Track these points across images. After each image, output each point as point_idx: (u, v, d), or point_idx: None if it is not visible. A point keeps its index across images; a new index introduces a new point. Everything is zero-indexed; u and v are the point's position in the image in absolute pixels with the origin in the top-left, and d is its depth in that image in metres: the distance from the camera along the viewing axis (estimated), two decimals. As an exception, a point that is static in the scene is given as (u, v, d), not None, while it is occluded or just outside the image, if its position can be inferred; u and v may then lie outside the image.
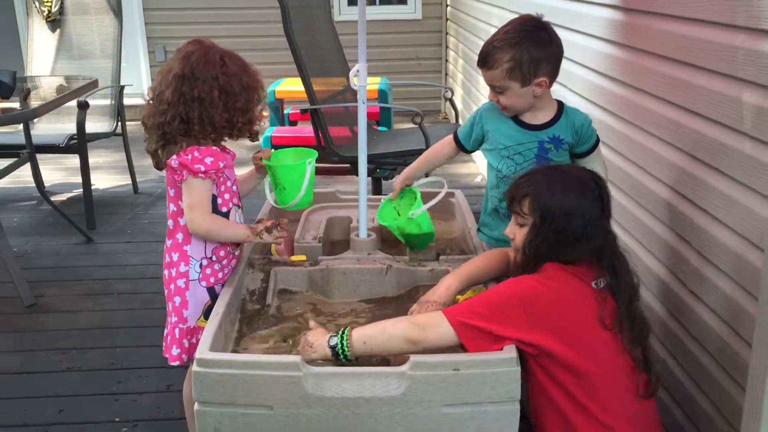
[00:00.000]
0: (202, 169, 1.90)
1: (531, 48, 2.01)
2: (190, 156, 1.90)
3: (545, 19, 2.08)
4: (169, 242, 2.03)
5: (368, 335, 1.68)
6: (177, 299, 2.00)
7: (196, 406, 1.62)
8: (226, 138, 2.01)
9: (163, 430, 2.47)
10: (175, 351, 2.00)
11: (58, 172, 5.30)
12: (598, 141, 2.19)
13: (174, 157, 1.92)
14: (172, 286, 2.01)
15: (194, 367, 1.61)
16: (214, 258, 2.02)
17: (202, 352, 1.62)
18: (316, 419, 1.59)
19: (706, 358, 1.94)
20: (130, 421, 2.51)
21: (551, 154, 2.13)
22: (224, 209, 2.01)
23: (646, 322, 1.77)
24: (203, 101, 1.89)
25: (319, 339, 1.71)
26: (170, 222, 2.03)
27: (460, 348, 1.66)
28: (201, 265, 2.00)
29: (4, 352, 2.98)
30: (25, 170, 4.35)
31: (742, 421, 1.64)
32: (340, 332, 1.69)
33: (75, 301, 3.41)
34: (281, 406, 1.59)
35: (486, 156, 2.24)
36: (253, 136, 2.06)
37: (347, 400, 1.57)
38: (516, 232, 1.82)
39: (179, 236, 2.01)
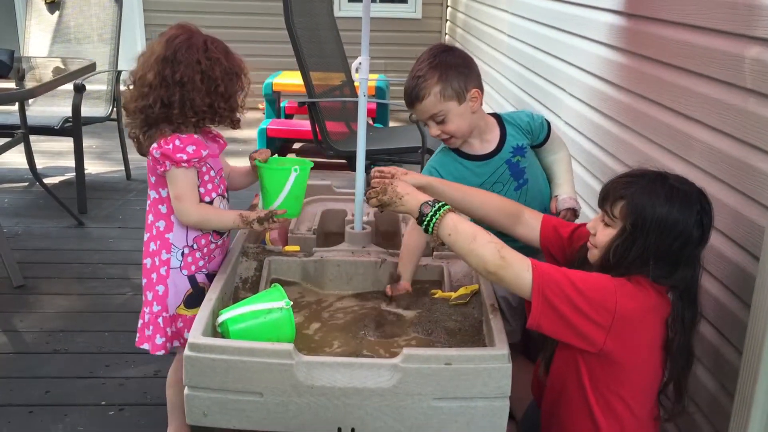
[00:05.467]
0: (184, 158, 1.88)
1: (451, 65, 2.01)
2: (171, 145, 1.88)
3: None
4: (149, 233, 2.01)
5: (458, 232, 1.66)
6: (160, 288, 1.99)
7: (186, 390, 1.61)
8: (209, 124, 1.99)
9: (150, 415, 2.46)
10: (159, 340, 2.00)
11: (51, 155, 5.26)
12: (549, 125, 2.18)
13: (155, 146, 1.90)
14: (154, 275, 2.00)
15: (186, 352, 1.60)
16: (195, 246, 2.00)
17: (195, 336, 1.61)
18: (306, 408, 1.59)
19: (700, 368, 1.95)
20: (117, 405, 2.50)
21: (522, 163, 2.14)
22: (207, 199, 1.98)
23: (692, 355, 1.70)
24: (185, 85, 1.86)
25: (411, 194, 1.74)
26: (150, 210, 2.01)
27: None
28: (183, 254, 1.99)
29: (-10, 332, 2.96)
30: (18, 151, 4.32)
31: (729, 428, 1.65)
32: (436, 207, 1.69)
33: (64, 284, 3.40)
34: (271, 393, 1.59)
35: None
36: (235, 124, 2.01)
37: (338, 390, 1.57)
38: (599, 228, 1.70)
39: (160, 224, 1.99)
